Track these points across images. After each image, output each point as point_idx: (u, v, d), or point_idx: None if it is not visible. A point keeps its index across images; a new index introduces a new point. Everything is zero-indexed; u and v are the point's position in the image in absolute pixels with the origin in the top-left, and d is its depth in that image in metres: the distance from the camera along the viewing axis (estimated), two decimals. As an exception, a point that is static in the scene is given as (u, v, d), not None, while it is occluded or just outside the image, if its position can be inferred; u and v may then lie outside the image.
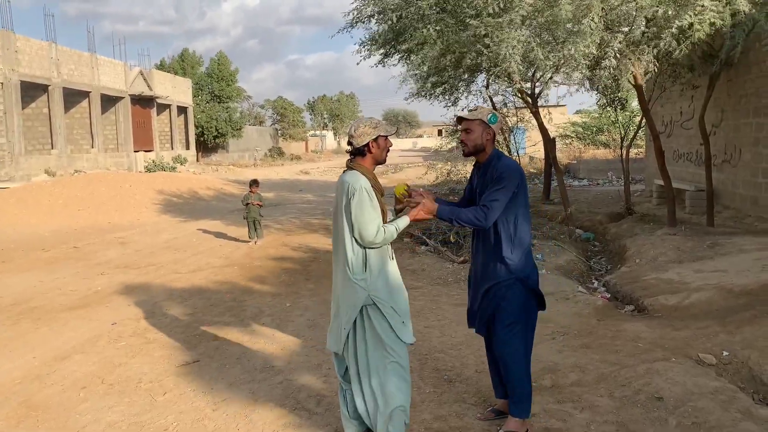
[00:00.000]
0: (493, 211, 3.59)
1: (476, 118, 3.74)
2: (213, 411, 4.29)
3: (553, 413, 4.01)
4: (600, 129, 27.61)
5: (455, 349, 5.34)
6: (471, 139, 3.76)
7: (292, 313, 6.66)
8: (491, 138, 3.76)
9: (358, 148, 3.53)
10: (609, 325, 5.93)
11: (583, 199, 16.24)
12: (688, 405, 3.94)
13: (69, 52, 27.12)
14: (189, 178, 24.37)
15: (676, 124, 14.30)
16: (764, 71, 10.53)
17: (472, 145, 3.78)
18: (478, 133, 3.74)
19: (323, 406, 4.26)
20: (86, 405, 4.47)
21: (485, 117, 3.73)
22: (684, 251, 8.70)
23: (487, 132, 3.74)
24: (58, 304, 7.34)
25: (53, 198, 17.27)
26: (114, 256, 10.59)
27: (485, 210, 3.59)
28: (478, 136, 3.74)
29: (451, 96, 13.72)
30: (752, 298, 6.09)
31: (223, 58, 45.33)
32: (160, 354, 5.49)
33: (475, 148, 3.78)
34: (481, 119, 3.73)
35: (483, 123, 3.73)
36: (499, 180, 3.62)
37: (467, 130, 3.76)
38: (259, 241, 11.32)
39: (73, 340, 5.93)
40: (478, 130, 3.74)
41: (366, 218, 3.36)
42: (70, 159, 26.59)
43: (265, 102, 64.33)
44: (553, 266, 8.76)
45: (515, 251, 3.68)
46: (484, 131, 3.74)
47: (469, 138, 3.77)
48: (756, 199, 10.93)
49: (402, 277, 3.66)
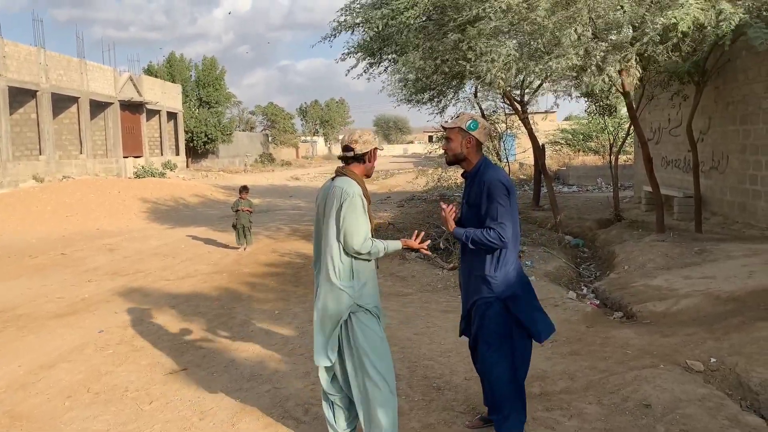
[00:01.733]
0: (505, 228, 3.48)
1: (455, 126, 3.69)
2: (200, 420, 4.25)
3: (542, 421, 4.00)
4: (589, 136, 27.76)
5: (444, 356, 5.33)
6: (450, 147, 3.73)
7: (280, 321, 6.63)
8: (473, 145, 3.68)
9: (358, 155, 3.49)
10: (598, 332, 5.95)
11: (572, 205, 16.30)
12: (676, 412, 3.95)
13: (58, 57, 26.98)
14: (178, 185, 24.28)
15: (665, 130, 14.40)
16: (751, 79, 10.63)
17: (451, 154, 3.74)
18: (457, 142, 3.69)
19: (311, 415, 4.24)
20: (72, 414, 4.42)
21: (464, 124, 3.65)
22: (672, 258, 8.74)
23: (466, 140, 3.67)
24: (45, 312, 7.27)
25: (41, 204, 17.15)
26: (102, 262, 10.52)
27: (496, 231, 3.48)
28: (457, 144, 3.69)
29: (439, 103, 13.76)
30: (739, 305, 6.12)
31: (210, 62, 45.07)
32: (147, 362, 5.44)
33: (455, 157, 3.73)
34: (459, 127, 3.67)
35: (462, 131, 3.66)
36: (489, 195, 3.54)
37: (447, 139, 3.74)
38: (248, 248, 11.27)
39: (59, 348, 5.87)
40: (458, 139, 3.69)
41: (356, 226, 3.32)
42: (58, 165, 26.41)
43: (255, 108, 64.27)
44: (543, 273, 8.77)
45: (499, 269, 3.57)
46: (464, 139, 3.67)
47: (449, 147, 3.74)
48: (743, 205, 11.01)
49: (392, 283, 3.66)
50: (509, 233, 3.51)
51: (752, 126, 10.65)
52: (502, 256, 3.57)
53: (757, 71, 10.44)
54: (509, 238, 3.51)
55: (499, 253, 3.57)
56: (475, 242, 3.55)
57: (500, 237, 3.48)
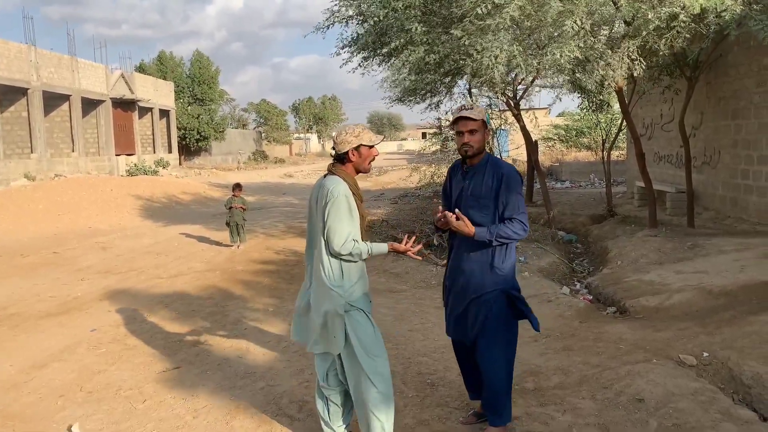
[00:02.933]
0: (525, 216, 3.53)
1: (480, 117, 3.54)
2: (193, 418, 4.24)
3: (535, 416, 4.01)
4: (582, 132, 27.81)
5: (438, 352, 5.33)
6: (477, 140, 3.55)
7: (274, 318, 6.61)
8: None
9: (339, 155, 3.50)
10: (591, 327, 5.96)
11: (565, 201, 16.33)
12: (669, 406, 3.96)
13: (49, 55, 26.80)
14: (171, 182, 24.19)
15: (657, 126, 14.44)
16: (742, 74, 10.67)
17: (478, 147, 3.57)
18: (482, 133, 3.57)
19: (305, 412, 4.23)
20: (64, 414, 4.40)
21: (485, 116, 3.59)
22: (665, 252, 8.77)
23: (487, 132, 3.63)
24: (37, 311, 7.23)
25: (33, 203, 17.05)
26: (95, 261, 10.47)
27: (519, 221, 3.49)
28: (482, 136, 3.57)
29: (433, 98, 13.75)
30: (731, 299, 6.15)
31: (203, 60, 44.88)
32: (140, 361, 5.42)
33: (480, 150, 3.60)
34: (483, 119, 3.56)
35: (485, 123, 3.58)
36: (508, 187, 3.51)
37: (472, 131, 3.54)
38: (242, 246, 11.24)
39: (51, 348, 5.84)
40: (482, 130, 3.56)
41: (338, 226, 3.30)
42: (50, 163, 26.25)
43: (248, 105, 64.07)
44: (536, 268, 8.79)
45: (507, 260, 3.58)
46: (486, 131, 3.60)
47: (474, 139, 3.55)
48: (735, 200, 11.06)
49: (385, 280, 3.65)
50: (527, 222, 3.55)
51: (744, 121, 10.70)
52: (509, 247, 3.59)
53: (748, 66, 10.48)
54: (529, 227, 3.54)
55: (507, 244, 3.57)
56: (501, 237, 3.50)
57: (524, 227, 3.53)
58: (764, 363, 4.39)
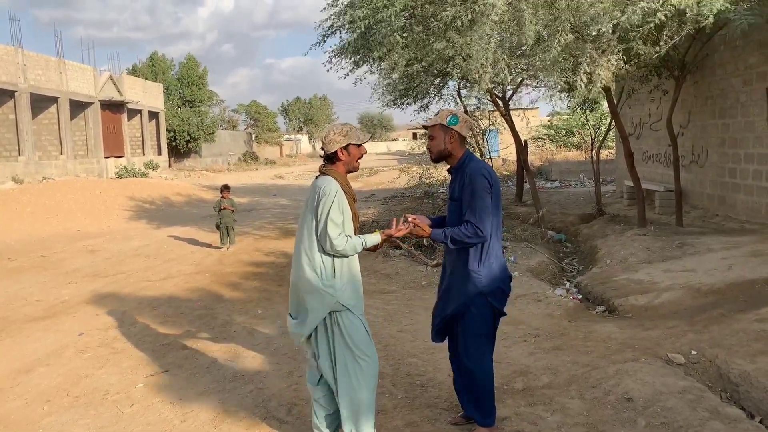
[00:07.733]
0: (483, 221, 3.48)
1: (435, 123, 3.70)
2: (181, 422, 4.21)
3: (524, 416, 4.00)
4: (571, 131, 27.92)
5: (428, 353, 5.31)
6: (434, 145, 3.73)
7: (263, 321, 6.58)
8: (456, 140, 3.67)
9: (328, 155, 3.50)
10: (580, 327, 5.97)
11: (555, 200, 16.38)
12: (657, 405, 3.97)
13: (36, 57, 26.62)
14: (160, 184, 24.07)
15: (645, 125, 14.51)
16: (729, 73, 10.73)
17: (435, 151, 3.74)
18: (440, 138, 3.69)
19: (294, 415, 4.21)
20: (51, 419, 4.35)
21: (444, 120, 3.66)
22: (654, 251, 8.80)
23: (449, 135, 3.66)
24: (23, 315, 7.17)
25: (21, 206, 16.91)
26: (83, 264, 10.39)
27: (473, 224, 3.48)
28: (440, 141, 3.69)
29: (422, 100, 13.74)
30: (719, 297, 6.18)
31: (191, 61, 44.75)
32: (128, 364, 5.38)
33: (440, 154, 3.73)
34: (440, 123, 3.67)
35: (443, 127, 3.67)
36: (470, 188, 3.54)
37: (431, 137, 3.74)
38: (232, 247, 11.20)
39: (37, 352, 5.79)
40: (440, 135, 3.69)
41: (330, 224, 3.32)
42: (38, 166, 26.06)
43: (238, 106, 63.83)
44: (525, 268, 8.80)
45: (484, 263, 3.58)
46: (446, 135, 3.67)
47: (432, 144, 3.74)
48: (723, 198, 11.12)
49: (375, 281, 3.65)
50: (487, 226, 3.50)
51: (731, 119, 10.76)
52: (484, 250, 3.57)
53: (734, 65, 10.54)
54: (488, 232, 3.51)
55: (481, 247, 3.56)
56: (455, 241, 3.55)
57: (477, 231, 3.48)
58: (752, 361, 4.41)
